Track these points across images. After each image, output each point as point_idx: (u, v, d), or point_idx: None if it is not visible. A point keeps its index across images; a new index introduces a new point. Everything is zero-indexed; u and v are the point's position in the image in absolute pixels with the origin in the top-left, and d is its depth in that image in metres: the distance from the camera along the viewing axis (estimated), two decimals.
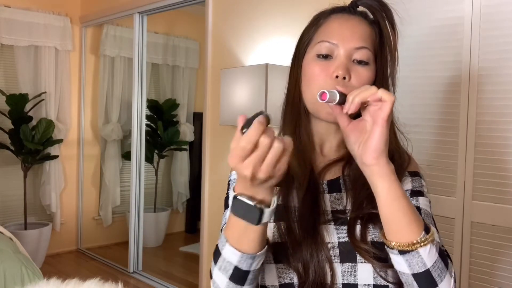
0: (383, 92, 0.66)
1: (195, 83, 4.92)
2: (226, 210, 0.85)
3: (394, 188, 0.68)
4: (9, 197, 3.92)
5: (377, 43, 0.82)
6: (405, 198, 0.69)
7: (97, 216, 4.43)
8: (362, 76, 0.79)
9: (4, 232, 2.61)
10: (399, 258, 0.68)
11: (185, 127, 4.81)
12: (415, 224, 0.68)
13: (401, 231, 0.67)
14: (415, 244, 0.67)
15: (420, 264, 0.67)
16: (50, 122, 3.85)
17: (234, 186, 0.66)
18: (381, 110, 0.66)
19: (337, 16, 0.82)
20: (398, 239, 0.68)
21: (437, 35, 1.89)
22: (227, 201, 0.86)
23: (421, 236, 0.67)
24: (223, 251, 0.70)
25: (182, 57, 4.78)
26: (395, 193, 0.68)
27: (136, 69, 3.66)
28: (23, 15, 3.86)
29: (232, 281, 0.70)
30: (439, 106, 1.88)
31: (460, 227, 1.82)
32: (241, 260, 0.68)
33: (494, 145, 1.74)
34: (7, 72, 3.91)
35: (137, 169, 3.71)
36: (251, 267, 0.69)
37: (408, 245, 0.67)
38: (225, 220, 0.83)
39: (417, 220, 0.68)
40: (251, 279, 0.71)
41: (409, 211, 0.68)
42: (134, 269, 3.75)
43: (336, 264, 0.78)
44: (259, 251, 0.69)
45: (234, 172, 0.89)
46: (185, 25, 4.74)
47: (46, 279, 1.25)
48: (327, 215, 0.81)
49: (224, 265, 0.70)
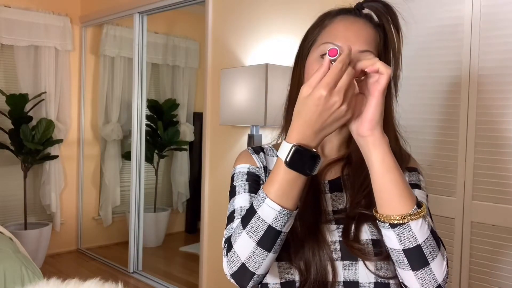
0: (381, 64, 0.69)
1: (195, 83, 4.92)
2: (234, 198, 0.85)
3: (387, 159, 0.69)
4: (9, 197, 3.92)
5: (381, 46, 0.84)
6: (398, 170, 0.70)
7: (97, 216, 4.43)
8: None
9: (4, 232, 2.61)
10: (389, 232, 0.69)
11: (185, 127, 4.81)
12: (407, 198, 0.69)
13: (392, 203, 0.68)
14: (406, 216, 0.67)
15: (411, 238, 0.67)
16: (50, 122, 3.85)
17: (286, 136, 0.69)
18: (378, 83, 0.69)
19: (343, 18, 0.84)
20: (389, 211, 0.69)
21: (437, 35, 1.88)
22: (234, 191, 0.86)
23: (413, 209, 0.68)
24: (259, 208, 0.70)
25: (182, 57, 4.78)
26: (388, 164, 0.69)
27: (136, 69, 3.66)
28: (23, 15, 3.86)
29: (260, 246, 0.69)
30: (439, 106, 1.88)
31: (460, 227, 1.82)
32: (278, 216, 0.68)
33: (494, 145, 1.74)
34: (7, 72, 3.91)
35: (137, 169, 3.71)
36: (283, 227, 0.70)
37: (400, 218, 0.67)
38: (233, 207, 0.84)
39: (409, 194, 0.69)
40: (278, 245, 0.71)
41: (402, 183, 0.69)
42: (134, 269, 3.74)
43: (338, 262, 0.79)
44: (295, 210, 0.71)
45: (239, 166, 0.90)
46: (185, 25, 4.74)
47: (46, 279, 1.25)
48: (328, 215, 0.83)
49: (256, 225, 0.69)
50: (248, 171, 0.88)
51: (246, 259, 0.70)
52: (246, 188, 0.85)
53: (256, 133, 2.38)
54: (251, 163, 0.89)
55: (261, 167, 0.89)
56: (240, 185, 0.86)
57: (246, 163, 0.89)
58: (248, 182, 0.86)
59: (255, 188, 0.85)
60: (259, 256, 0.70)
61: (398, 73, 0.86)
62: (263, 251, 0.70)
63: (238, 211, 0.82)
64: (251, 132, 2.39)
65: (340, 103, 0.65)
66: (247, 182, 0.86)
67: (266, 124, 2.20)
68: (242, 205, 0.83)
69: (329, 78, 0.65)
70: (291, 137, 0.68)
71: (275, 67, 2.24)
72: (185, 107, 4.83)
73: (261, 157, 0.91)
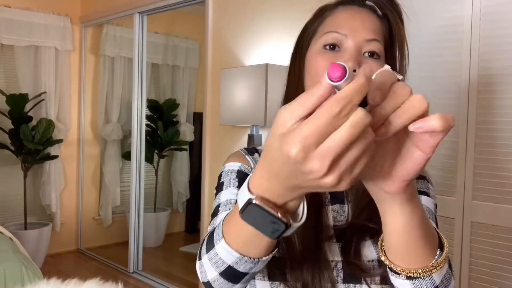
0: (437, 118, 0.42)
1: (195, 83, 4.92)
2: (220, 193, 0.76)
3: (416, 213, 0.52)
4: (9, 197, 3.91)
5: (387, 38, 0.76)
6: (425, 219, 0.55)
7: (97, 216, 4.43)
8: (374, 70, 0.71)
9: (4, 232, 2.61)
10: (404, 282, 0.57)
11: (185, 127, 4.81)
12: (430, 246, 0.55)
13: (413, 257, 0.55)
14: (429, 270, 0.55)
15: (429, 284, 0.56)
16: (50, 122, 3.85)
17: (249, 180, 0.49)
18: (432, 137, 0.44)
19: (346, 8, 0.76)
20: (407, 265, 0.55)
21: (437, 35, 1.88)
22: (222, 186, 0.77)
23: (436, 257, 0.55)
24: (216, 245, 0.57)
25: (182, 57, 4.78)
26: (417, 220, 0.52)
27: (136, 69, 3.66)
28: (23, 15, 3.86)
29: (223, 277, 0.58)
30: (439, 106, 1.88)
31: (460, 227, 1.82)
32: (239, 262, 0.55)
33: (494, 145, 1.74)
34: (7, 72, 3.91)
35: (137, 169, 3.71)
36: (250, 270, 0.57)
37: (422, 271, 0.55)
38: (218, 201, 0.74)
39: (432, 240, 0.55)
40: (246, 280, 0.59)
41: (427, 233, 0.54)
42: (134, 269, 3.74)
43: (340, 285, 0.70)
44: (265, 256, 0.55)
45: (229, 164, 0.80)
46: (185, 25, 4.74)
47: (46, 279, 1.25)
48: (329, 230, 0.74)
49: (215, 259, 0.57)
50: (239, 169, 0.78)
51: (211, 280, 0.60)
52: (235, 184, 0.75)
53: (256, 133, 2.38)
54: (244, 162, 0.80)
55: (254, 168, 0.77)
56: (228, 180, 0.77)
57: (238, 161, 0.80)
58: (237, 179, 0.76)
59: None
60: (225, 285, 0.59)
61: (405, 67, 0.77)
62: (228, 282, 0.59)
63: (224, 204, 0.73)
64: (251, 132, 2.39)
65: (322, 174, 0.39)
66: (237, 179, 0.76)
67: (266, 124, 2.20)
68: (228, 198, 0.73)
69: (311, 128, 0.38)
70: (253, 183, 0.48)
71: (275, 67, 2.24)
72: (185, 107, 4.83)
73: (255, 158, 0.81)
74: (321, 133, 0.38)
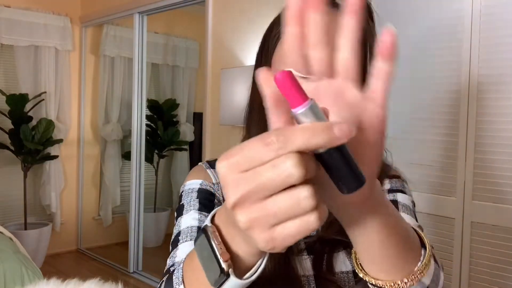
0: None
1: (195, 83, 4.92)
2: (180, 218, 0.70)
3: (390, 221, 0.45)
4: (9, 197, 3.91)
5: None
6: (401, 220, 0.48)
7: (97, 216, 4.43)
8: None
9: (4, 232, 2.61)
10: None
11: (185, 127, 4.81)
12: (413, 248, 0.48)
13: (399, 264, 0.47)
14: (415, 276, 0.47)
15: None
16: (50, 122, 3.85)
17: (215, 212, 0.43)
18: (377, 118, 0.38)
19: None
20: (393, 276, 0.47)
21: (437, 35, 1.88)
22: (182, 210, 0.71)
23: (421, 257, 0.49)
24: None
25: (182, 57, 4.78)
26: (392, 225, 0.45)
27: (136, 69, 3.66)
28: (23, 15, 3.86)
29: None
30: (439, 106, 1.88)
31: (460, 227, 1.82)
32: None
33: (494, 145, 1.73)
34: (7, 72, 3.91)
35: (137, 169, 3.71)
36: None
37: (408, 279, 0.47)
38: (178, 228, 0.69)
39: (414, 241, 0.49)
40: None
41: (407, 236, 0.48)
42: (134, 269, 3.74)
43: None
44: None
45: (189, 182, 0.74)
46: (185, 25, 4.74)
47: (46, 279, 1.25)
48: (299, 243, 0.68)
49: None
50: (200, 187, 0.72)
51: None
52: (196, 206, 0.70)
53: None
54: (205, 178, 0.74)
55: (217, 183, 0.73)
56: (189, 202, 0.71)
57: (199, 178, 0.73)
58: (198, 200, 0.70)
59: (206, 207, 0.69)
60: None
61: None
62: None
63: (184, 232, 0.67)
64: None
65: (231, 204, 0.33)
66: (197, 199, 0.70)
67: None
68: (189, 225, 0.68)
69: (253, 184, 0.32)
70: (221, 210, 0.41)
71: None
72: (185, 107, 4.83)
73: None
74: (261, 188, 0.32)
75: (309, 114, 0.32)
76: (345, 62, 0.37)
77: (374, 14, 0.72)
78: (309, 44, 0.36)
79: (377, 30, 0.73)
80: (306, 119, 0.32)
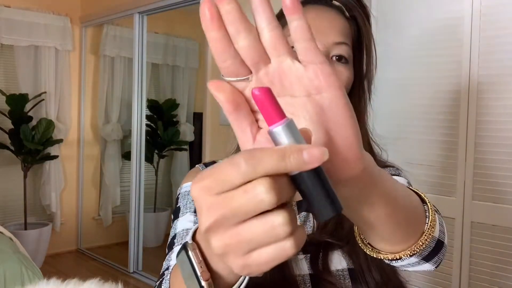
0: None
1: (195, 83, 4.92)
2: (176, 221, 0.69)
3: (391, 188, 0.43)
4: (9, 197, 3.91)
5: (355, 41, 0.71)
6: (399, 185, 0.46)
7: (97, 216, 4.43)
8: (342, 76, 0.66)
9: (4, 232, 2.61)
10: (407, 260, 0.49)
11: (185, 127, 4.81)
12: (418, 209, 0.48)
13: (411, 230, 0.47)
14: (426, 236, 0.48)
15: (432, 244, 0.50)
16: (50, 122, 3.85)
17: (196, 227, 0.41)
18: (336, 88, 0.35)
19: (312, 7, 0.70)
20: (407, 242, 0.47)
21: (437, 35, 1.88)
22: (178, 212, 0.70)
23: (427, 213, 0.49)
24: None
25: (182, 57, 4.78)
26: (393, 196, 0.43)
27: (136, 69, 3.66)
28: (23, 15, 3.86)
29: None
30: (439, 106, 1.88)
31: (460, 227, 1.82)
32: None
33: (494, 145, 1.73)
34: (7, 72, 3.91)
35: (137, 169, 3.71)
36: None
37: (423, 239, 0.47)
38: (174, 231, 0.68)
39: (416, 200, 0.49)
40: None
41: (410, 198, 0.48)
42: (134, 269, 3.74)
43: None
44: None
45: (186, 184, 0.73)
46: (185, 25, 4.74)
47: (46, 279, 1.25)
48: None
49: None
50: None
51: None
52: (192, 208, 0.69)
53: None
54: None
55: None
56: (185, 204, 0.70)
57: None
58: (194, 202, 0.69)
59: None
60: None
61: (372, 72, 0.73)
62: None
63: (180, 235, 0.67)
64: None
65: (204, 228, 0.32)
66: (193, 201, 0.67)
67: None
68: (185, 228, 0.67)
69: (226, 209, 0.30)
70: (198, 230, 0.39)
71: None
72: (185, 107, 4.83)
73: None
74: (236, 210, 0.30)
75: (285, 133, 0.31)
76: (270, 40, 0.34)
77: (371, 17, 0.72)
78: (232, 37, 0.34)
79: (374, 33, 0.74)
80: (281, 138, 0.31)
